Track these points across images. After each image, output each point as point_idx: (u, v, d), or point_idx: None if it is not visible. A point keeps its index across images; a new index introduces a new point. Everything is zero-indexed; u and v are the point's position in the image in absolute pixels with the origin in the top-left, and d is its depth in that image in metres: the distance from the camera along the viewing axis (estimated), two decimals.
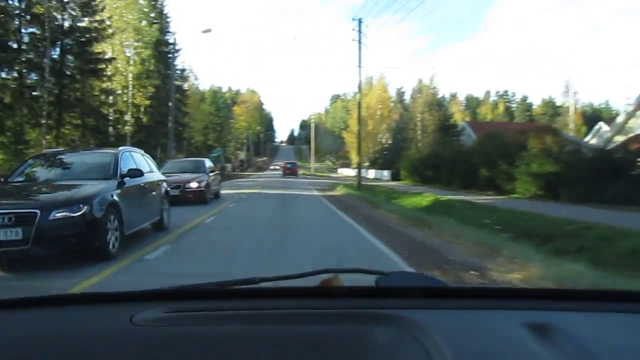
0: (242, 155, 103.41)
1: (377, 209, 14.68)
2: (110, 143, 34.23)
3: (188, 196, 14.10)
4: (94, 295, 1.07)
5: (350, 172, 72.07)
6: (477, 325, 0.94)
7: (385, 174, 50.13)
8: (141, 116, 40.88)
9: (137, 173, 7.22)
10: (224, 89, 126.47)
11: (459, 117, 61.72)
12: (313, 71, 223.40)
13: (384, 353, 0.81)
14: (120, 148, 8.00)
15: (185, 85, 59.36)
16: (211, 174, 16.76)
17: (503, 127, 40.73)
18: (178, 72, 51.68)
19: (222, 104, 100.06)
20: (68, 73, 30.07)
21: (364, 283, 1.12)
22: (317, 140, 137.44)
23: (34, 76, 28.23)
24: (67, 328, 0.88)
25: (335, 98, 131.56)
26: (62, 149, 10.11)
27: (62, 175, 7.06)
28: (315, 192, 24.60)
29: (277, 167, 77.07)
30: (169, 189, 9.81)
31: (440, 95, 56.88)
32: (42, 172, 7.28)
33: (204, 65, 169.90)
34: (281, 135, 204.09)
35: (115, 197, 6.43)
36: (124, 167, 7.20)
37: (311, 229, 9.67)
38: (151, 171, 8.73)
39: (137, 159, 8.14)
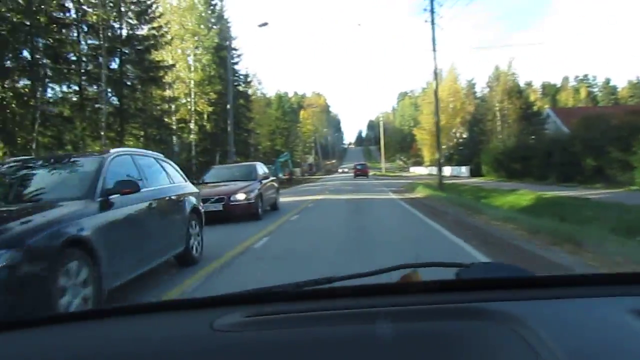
0: (310, 159, 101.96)
1: (476, 214, 11.43)
2: (175, 153, 33.04)
3: (234, 211, 11.33)
4: (173, 303, 1.06)
5: (423, 171, 68.09)
6: (580, 314, 0.88)
7: (463, 170, 46.03)
8: (204, 123, 39.47)
9: (129, 187, 4.68)
10: (290, 94, 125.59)
11: (538, 105, 56.38)
12: (379, 69, 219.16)
13: (481, 349, 0.76)
14: (113, 151, 5.47)
15: (250, 91, 58.01)
16: (265, 181, 13.86)
17: (595, 111, 35.80)
18: (241, 77, 50.29)
19: (288, 108, 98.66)
20: (128, 83, 28.98)
21: (444, 277, 1.07)
22: (386, 140, 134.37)
23: (94, 88, 27.24)
24: (146, 336, 0.88)
25: (403, 95, 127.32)
26: (30, 157, 7.34)
27: (15, 194, 4.70)
28: (392, 195, 21.61)
29: (345, 170, 74.41)
30: (201, 205, 7.30)
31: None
32: None
33: (269, 71, 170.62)
34: (349, 137, 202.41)
35: (84, 231, 3.87)
36: (112, 179, 4.70)
37: (402, 250, 6.68)
38: (171, 182, 6.36)
39: (144, 165, 5.75)
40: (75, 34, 25.55)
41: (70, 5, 25.01)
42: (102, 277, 3.98)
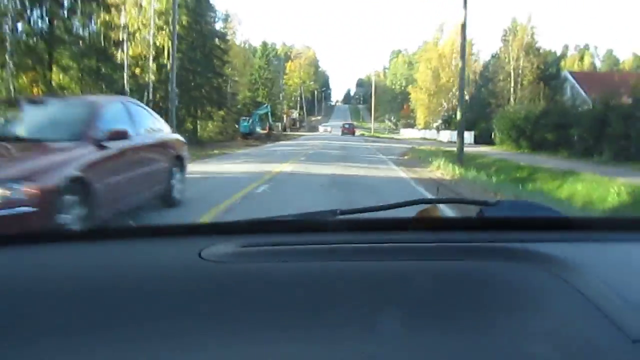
0: (294, 113, 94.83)
1: None
2: (124, 94, 26.29)
3: None
4: (160, 228, 0.99)
5: (415, 133, 61.68)
6: (627, 257, 0.83)
7: (466, 136, 39.47)
8: (166, 62, 32.26)
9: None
10: (278, 45, 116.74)
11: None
12: (372, 25, 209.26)
13: (517, 292, 0.70)
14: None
15: (229, 35, 50.47)
16: (121, 145, 5.20)
17: (619, 77, 29.57)
18: (219, 14, 42.63)
19: (274, 57, 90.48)
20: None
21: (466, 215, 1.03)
22: (376, 100, 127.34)
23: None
24: (126, 262, 0.82)
25: (396, 54, 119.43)
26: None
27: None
28: (398, 170, 15.09)
29: (328, 129, 66.98)
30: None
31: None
32: None
33: (256, 20, 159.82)
34: (337, 95, 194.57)
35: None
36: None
37: None
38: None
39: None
40: None
41: None
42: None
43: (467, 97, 47.06)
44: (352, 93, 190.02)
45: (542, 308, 0.67)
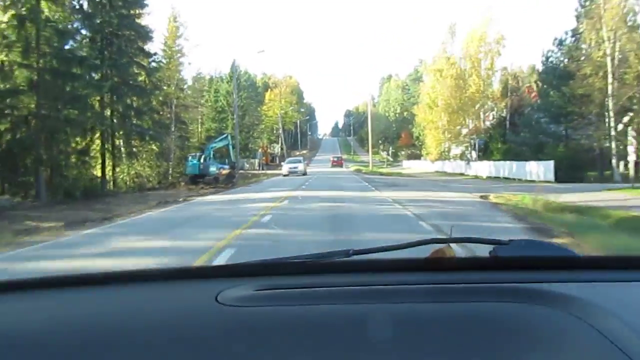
0: (276, 148, 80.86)
1: None
2: None
3: None
4: (176, 272, 0.97)
5: (425, 166, 47.47)
6: None
7: (540, 170, 23.91)
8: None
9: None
10: (259, 76, 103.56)
11: None
12: (356, 56, 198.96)
13: (536, 334, 0.67)
14: None
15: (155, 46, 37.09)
16: None
17: None
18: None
19: (245, 81, 76.61)
20: None
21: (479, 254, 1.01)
22: (366, 130, 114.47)
23: None
24: (144, 307, 0.81)
25: (387, 79, 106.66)
26: None
27: None
28: None
29: (297, 167, 39.87)
30: None
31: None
32: None
33: (232, 53, 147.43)
34: (324, 128, 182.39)
35: None
36: None
37: None
38: None
39: None
40: None
41: None
42: None
43: (507, 113, 33.01)
44: (340, 125, 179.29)
45: (562, 349, 0.64)
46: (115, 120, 25.17)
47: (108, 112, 24.78)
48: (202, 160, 31.94)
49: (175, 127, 35.89)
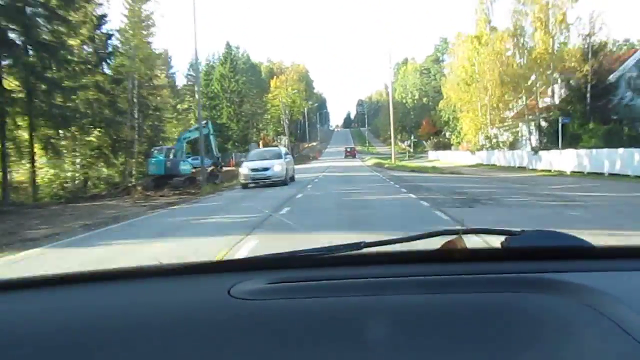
0: (283, 140, 71.98)
1: None
2: None
3: None
4: (187, 266, 0.94)
5: (461, 158, 38.20)
6: None
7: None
8: None
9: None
10: (264, 63, 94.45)
11: None
12: (368, 44, 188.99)
13: (549, 324, 0.67)
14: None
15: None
16: None
17: None
18: None
19: (244, 63, 67.64)
20: None
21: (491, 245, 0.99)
22: (381, 120, 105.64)
23: None
24: (156, 302, 0.81)
25: (404, 63, 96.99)
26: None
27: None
28: None
29: (261, 174, 19.72)
30: None
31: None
32: None
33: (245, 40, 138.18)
34: (336, 120, 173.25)
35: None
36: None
37: None
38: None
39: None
40: None
41: None
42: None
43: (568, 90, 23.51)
44: (352, 116, 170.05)
45: (575, 339, 0.64)
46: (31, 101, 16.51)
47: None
48: (170, 156, 23.20)
49: (141, 114, 27.15)
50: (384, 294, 0.75)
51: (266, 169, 17.97)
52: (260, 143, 50.28)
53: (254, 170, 18.12)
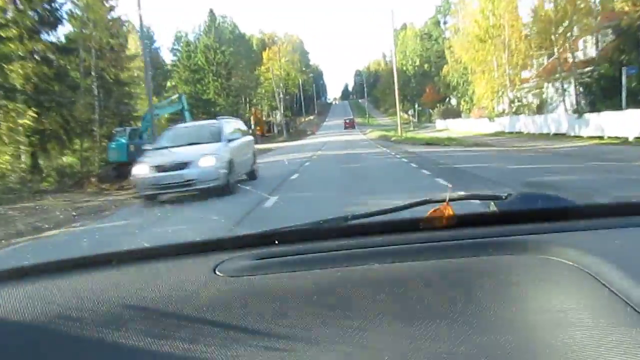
0: (277, 115, 67.62)
1: None
2: None
3: None
4: (172, 247, 0.93)
5: (475, 126, 33.94)
6: None
7: None
8: None
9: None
10: (256, 35, 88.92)
11: None
12: (361, 7, 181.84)
13: (537, 283, 0.68)
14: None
15: None
16: None
17: None
18: None
19: (231, 33, 62.73)
20: None
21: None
22: (381, 89, 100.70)
23: None
24: (138, 285, 0.79)
25: (402, 28, 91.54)
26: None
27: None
28: None
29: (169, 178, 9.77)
30: None
31: None
32: None
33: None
34: (334, 93, 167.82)
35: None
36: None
37: None
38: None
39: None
40: None
41: None
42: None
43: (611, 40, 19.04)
44: (350, 88, 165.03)
45: (562, 297, 0.65)
46: None
47: None
48: (135, 139, 19.03)
49: (102, 89, 22.76)
50: (371, 263, 0.74)
51: (183, 167, 9.28)
52: (252, 118, 45.83)
53: (160, 169, 9.39)
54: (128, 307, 0.72)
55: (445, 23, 70.90)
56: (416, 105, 58.42)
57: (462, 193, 0.96)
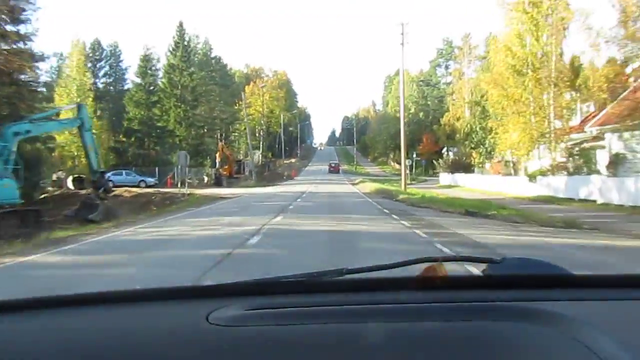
0: (257, 154, 59.53)
1: None
2: None
3: None
4: (166, 291, 0.91)
5: (506, 185, 25.74)
6: (637, 315, 0.79)
7: None
8: None
9: None
10: (241, 69, 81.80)
11: None
12: (353, 59, 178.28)
13: (528, 353, 0.67)
14: None
15: None
16: None
17: None
18: None
19: (205, 55, 55.07)
20: None
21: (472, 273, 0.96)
22: (370, 138, 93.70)
23: None
24: (135, 327, 0.78)
25: (396, 74, 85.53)
26: None
27: None
28: None
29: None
30: None
31: None
32: None
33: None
34: (320, 138, 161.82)
35: None
36: None
37: None
38: None
39: None
40: None
41: None
42: None
43: None
44: (337, 134, 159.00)
45: None
46: None
47: None
48: None
49: None
50: (364, 322, 0.73)
51: None
52: (217, 155, 37.35)
53: None
54: (118, 349, 0.69)
55: (447, 67, 64.46)
56: (414, 155, 50.62)
57: (456, 255, 0.78)
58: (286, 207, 14.79)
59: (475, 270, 0.97)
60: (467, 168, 34.61)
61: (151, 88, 37.86)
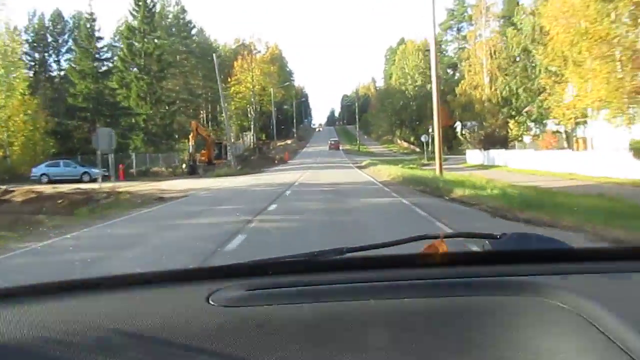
0: (248, 137, 52.61)
1: None
2: None
3: None
4: (165, 274, 0.91)
5: (563, 163, 18.13)
6: (637, 287, 0.80)
7: None
8: None
9: None
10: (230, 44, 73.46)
11: None
12: (352, 28, 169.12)
13: (528, 325, 0.68)
14: None
15: None
16: None
17: None
18: None
19: (174, 17, 47.21)
20: None
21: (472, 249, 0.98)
22: (372, 113, 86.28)
23: None
24: (133, 312, 0.77)
25: (401, 42, 77.37)
26: None
27: None
28: None
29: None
30: None
31: None
32: None
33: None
34: (318, 119, 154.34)
35: None
36: None
37: None
38: None
39: None
40: None
41: None
42: None
43: None
44: (336, 114, 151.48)
45: (554, 341, 0.65)
46: None
47: None
48: None
49: None
50: (365, 299, 0.73)
51: None
52: (191, 137, 29.92)
53: None
54: (119, 333, 0.70)
55: (459, 30, 56.62)
56: (430, 130, 42.97)
57: (455, 231, 0.87)
58: (264, 208, 7.53)
59: (477, 248, 0.92)
60: (504, 143, 27.22)
61: (99, 55, 30.21)
